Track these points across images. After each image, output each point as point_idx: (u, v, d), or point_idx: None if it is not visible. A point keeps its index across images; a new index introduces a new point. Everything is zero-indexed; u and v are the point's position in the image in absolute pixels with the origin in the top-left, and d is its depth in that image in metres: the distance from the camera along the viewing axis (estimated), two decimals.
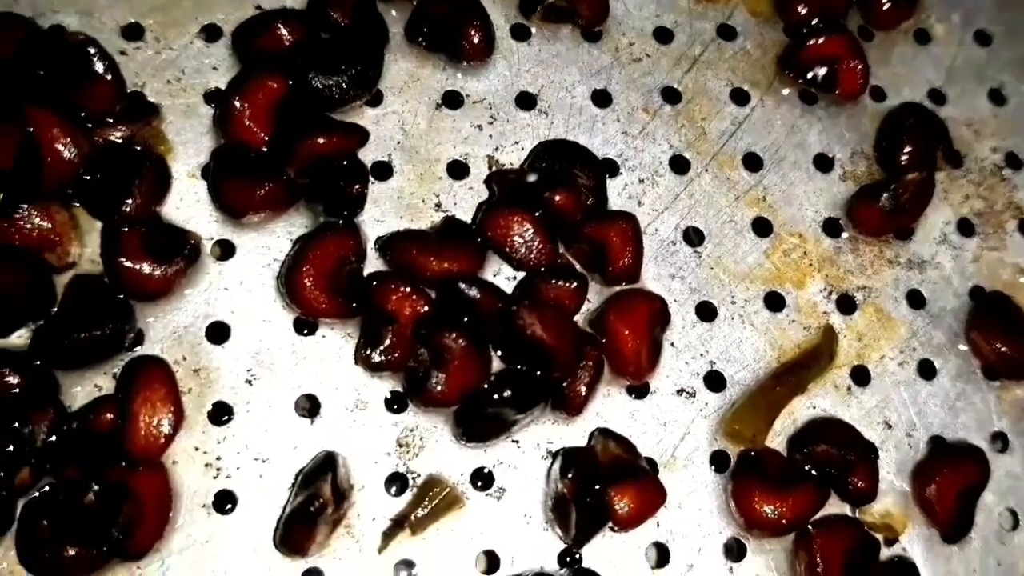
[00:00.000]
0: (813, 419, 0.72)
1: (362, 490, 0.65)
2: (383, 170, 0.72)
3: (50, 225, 0.65)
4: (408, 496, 0.66)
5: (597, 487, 0.64)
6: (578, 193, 0.70)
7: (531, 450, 0.68)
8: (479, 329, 0.66)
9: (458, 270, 0.67)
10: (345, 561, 0.64)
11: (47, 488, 0.62)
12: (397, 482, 0.66)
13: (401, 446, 0.67)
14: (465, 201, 0.73)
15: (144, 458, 0.62)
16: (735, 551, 0.69)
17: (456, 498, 0.66)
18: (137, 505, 0.61)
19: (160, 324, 0.66)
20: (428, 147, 0.73)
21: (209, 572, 0.62)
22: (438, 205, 0.72)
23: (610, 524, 0.65)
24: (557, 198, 0.69)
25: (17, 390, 0.62)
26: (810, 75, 0.80)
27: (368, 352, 0.66)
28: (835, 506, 0.70)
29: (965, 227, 0.81)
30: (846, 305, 0.76)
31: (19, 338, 0.64)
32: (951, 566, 0.72)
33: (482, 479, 0.67)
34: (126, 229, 0.65)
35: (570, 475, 0.65)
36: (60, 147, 0.65)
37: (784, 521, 0.67)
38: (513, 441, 0.68)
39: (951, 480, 0.72)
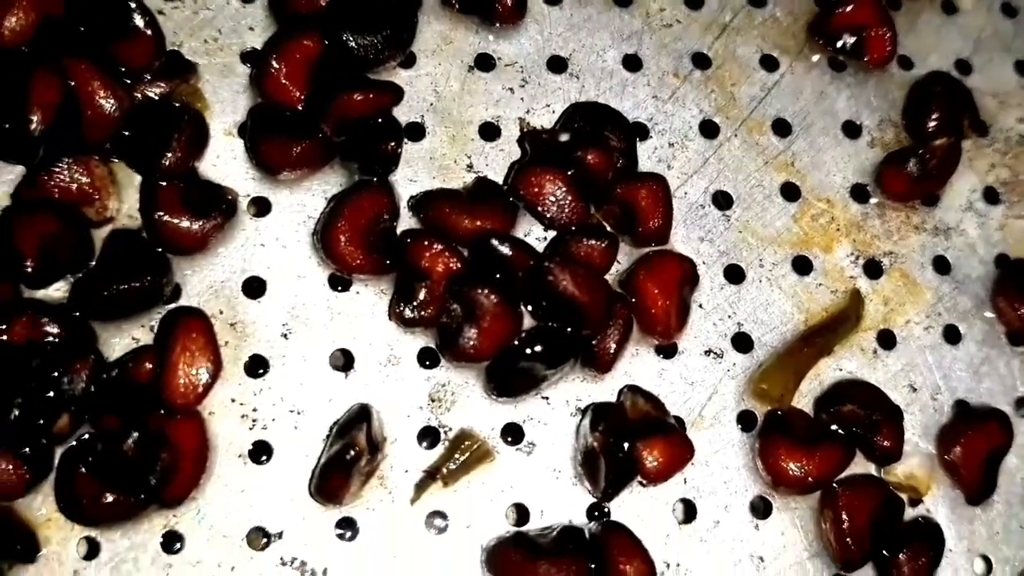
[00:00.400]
0: (839, 381, 0.73)
1: (395, 443, 0.66)
2: (416, 131, 0.73)
3: (89, 180, 0.66)
4: (440, 449, 0.67)
5: (626, 442, 0.65)
6: (610, 153, 0.71)
7: (560, 407, 0.69)
8: (511, 285, 0.67)
9: (490, 228, 0.68)
10: (378, 512, 0.65)
11: (86, 436, 0.63)
12: (429, 436, 0.67)
13: (433, 400, 0.68)
14: (496, 163, 0.73)
15: (182, 406, 0.63)
16: (761, 509, 0.70)
17: (487, 452, 0.67)
18: (174, 453, 0.62)
19: (197, 278, 0.67)
20: (460, 109, 0.74)
21: (245, 520, 0.63)
22: (470, 166, 0.73)
23: (638, 478, 0.66)
24: (590, 157, 0.70)
25: (56, 340, 0.63)
26: (839, 42, 0.80)
27: (401, 308, 0.67)
28: (860, 466, 0.71)
29: (991, 195, 0.81)
30: (873, 270, 0.77)
31: (57, 291, 0.65)
32: (974, 528, 0.73)
33: (512, 434, 0.68)
34: (164, 184, 0.66)
35: (600, 428, 0.65)
36: (101, 101, 0.65)
37: (810, 478, 0.68)
38: (543, 397, 0.69)
39: (976, 443, 0.72)
